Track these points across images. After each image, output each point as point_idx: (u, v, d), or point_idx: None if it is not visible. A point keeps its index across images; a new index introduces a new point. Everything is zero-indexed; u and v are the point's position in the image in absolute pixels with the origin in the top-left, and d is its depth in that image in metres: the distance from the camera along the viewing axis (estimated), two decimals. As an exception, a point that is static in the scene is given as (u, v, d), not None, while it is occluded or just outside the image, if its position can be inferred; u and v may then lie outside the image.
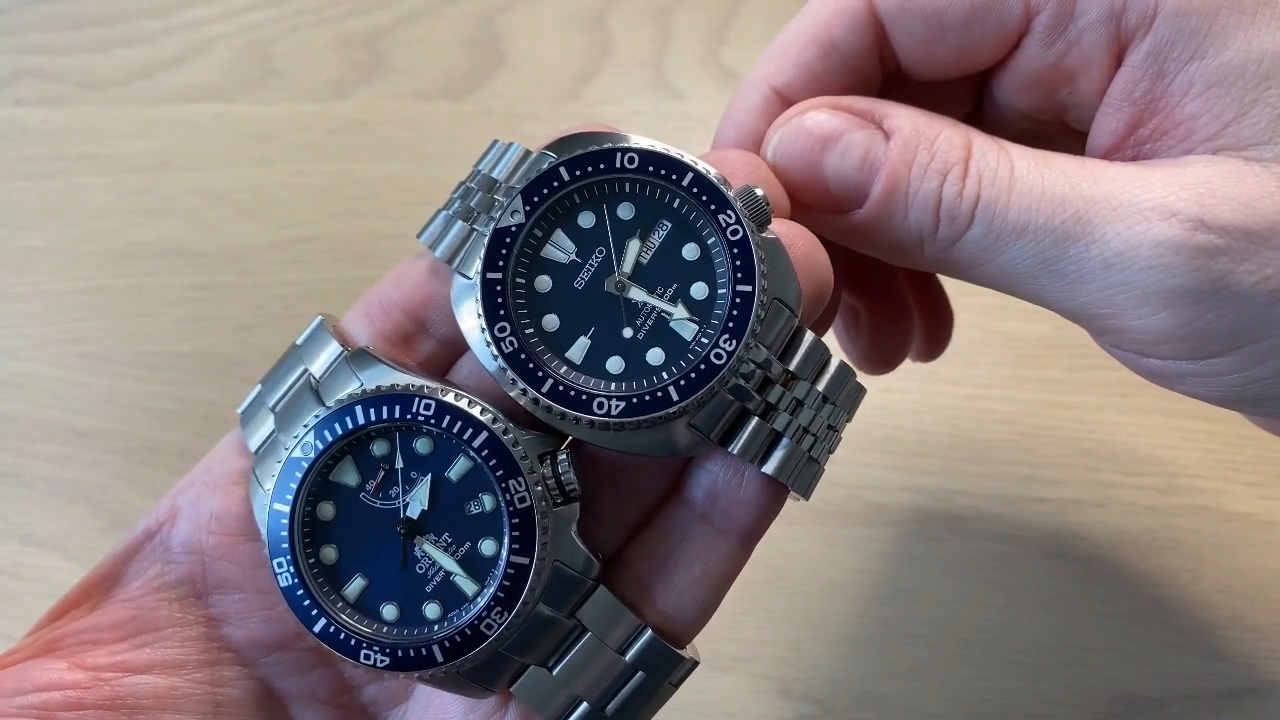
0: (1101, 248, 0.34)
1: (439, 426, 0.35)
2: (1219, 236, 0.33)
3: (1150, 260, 0.34)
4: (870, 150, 0.37)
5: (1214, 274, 0.33)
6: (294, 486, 0.35)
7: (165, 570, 0.38)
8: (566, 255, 0.35)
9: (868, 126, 0.38)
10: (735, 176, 0.36)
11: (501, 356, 0.34)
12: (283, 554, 0.35)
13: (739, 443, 0.35)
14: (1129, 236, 0.34)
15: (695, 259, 0.35)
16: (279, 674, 0.38)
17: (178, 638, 0.37)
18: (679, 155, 0.35)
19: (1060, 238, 0.35)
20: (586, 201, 0.35)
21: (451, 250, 0.36)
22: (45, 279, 0.67)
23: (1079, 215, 0.35)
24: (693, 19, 0.71)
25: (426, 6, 0.72)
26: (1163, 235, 0.33)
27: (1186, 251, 0.33)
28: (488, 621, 0.35)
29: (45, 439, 0.64)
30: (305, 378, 0.37)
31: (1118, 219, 0.34)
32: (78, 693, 0.35)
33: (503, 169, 0.37)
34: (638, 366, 0.35)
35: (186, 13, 0.71)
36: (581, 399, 0.34)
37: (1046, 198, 0.35)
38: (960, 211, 0.36)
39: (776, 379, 0.35)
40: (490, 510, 0.35)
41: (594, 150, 0.35)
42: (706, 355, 0.34)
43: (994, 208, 0.35)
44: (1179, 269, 0.33)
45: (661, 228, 0.35)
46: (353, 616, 0.35)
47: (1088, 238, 0.34)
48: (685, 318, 0.35)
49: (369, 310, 0.38)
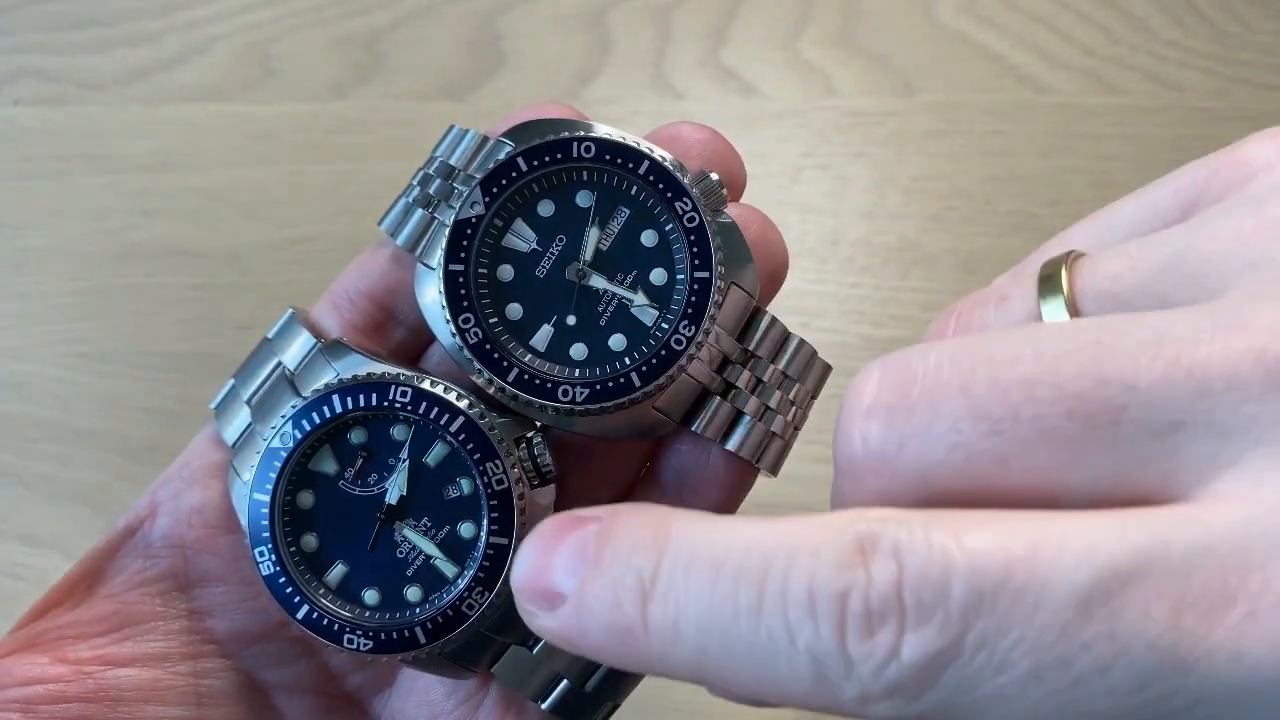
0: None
1: (416, 413, 0.35)
2: None
3: None
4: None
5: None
6: (273, 476, 0.35)
7: (147, 565, 0.38)
8: (527, 244, 0.36)
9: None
10: (689, 156, 0.36)
11: (466, 347, 0.35)
12: (264, 543, 0.35)
13: (701, 423, 0.36)
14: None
15: (654, 245, 0.36)
16: (262, 665, 0.38)
17: (160, 631, 0.37)
18: (635, 143, 0.35)
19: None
20: (546, 190, 0.36)
21: (413, 239, 0.37)
22: (45, 279, 0.67)
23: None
24: (693, 19, 0.71)
25: (426, 6, 0.72)
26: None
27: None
28: (469, 602, 0.35)
29: (45, 439, 0.64)
30: (280, 370, 0.38)
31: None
32: (60, 686, 0.35)
33: (460, 156, 0.37)
34: (600, 353, 0.35)
35: (186, 13, 0.71)
36: (546, 387, 0.34)
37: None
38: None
39: (736, 359, 0.36)
40: (468, 494, 0.36)
41: (551, 140, 0.35)
42: (667, 341, 0.34)
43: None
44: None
45: (620, 215, 0.36)
46: (335, 602, 0.36)
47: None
48: (645, 304, 0.35)
49: (337, 302, 0.39)
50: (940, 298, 0.65)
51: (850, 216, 0.67)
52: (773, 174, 0.68)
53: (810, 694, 0.22)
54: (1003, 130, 0.68)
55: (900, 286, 0.66)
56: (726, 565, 0.23)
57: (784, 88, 0.69)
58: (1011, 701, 0.21)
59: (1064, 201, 0.66)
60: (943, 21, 0.70)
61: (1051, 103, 0.68)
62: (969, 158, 0.67)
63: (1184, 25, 0.69)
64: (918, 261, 0.66)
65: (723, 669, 0.23)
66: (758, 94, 0.69)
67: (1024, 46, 0.69)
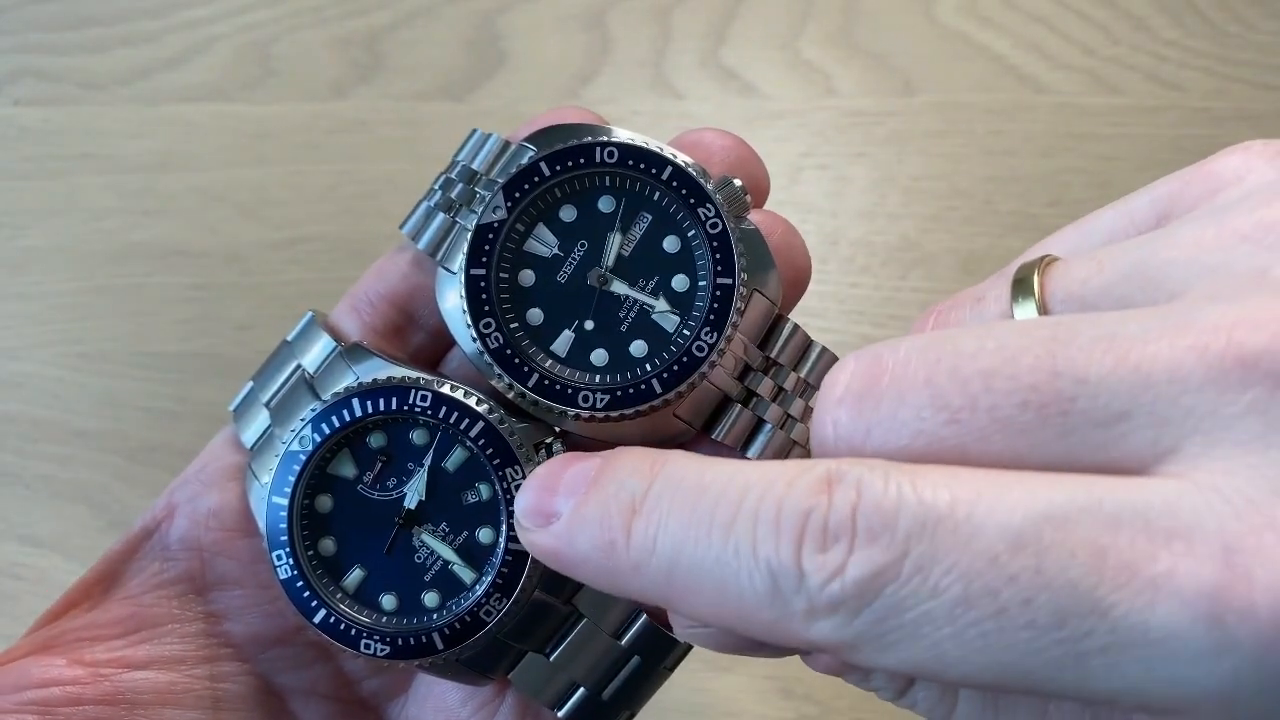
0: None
1: (435, 417, 0.35)
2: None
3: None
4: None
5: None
6: (292, 479, 0.35)
7: (164, 567, 0.38)
8: (549, 249, 0.36)
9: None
10: (712, 162, 0.36)
11: (487, 352, 0.34)
12: (281, 546, 0.35)
13: (722, 430, 0.36)
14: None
15: (676, 251, 0.35)
16: (279, 669, 0.38)
17: (177, 634, 0.37)
18: (658, 149, 0.35)
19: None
20: (568, 196, 0.36)
21: (434, 243, 0.37)
22: (45, 279, 0.67)
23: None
24: (693, 19, 0.71)
25: (426, 6, 0.72)
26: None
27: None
28: (486, 608, 0.35)
29: (45, 439, 0.64)
30: (299, 373, 0.37)
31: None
32: (77, 688, 0.35)
33: (482, 160, 0.37)
34: (621, 359, 0.35)
35: (186, 12, 0.71)
36: (567, 393, 0.34)
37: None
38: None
39: (758, 367, 0.36)
40: (487, 499, 0.36)
41: (574, 145, 0.35)
42: (688, 348, 0.34)
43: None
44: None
45: (642, 220, 0.36)
46: (352, 607, 0.36)
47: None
48: (667, 310, 0.35)
49: (356, 305, 0.39)
50: (940, 298, 0.65)
51: (850, 216, 0.67)
52: (773, 174, 0.67)
53: (763, 607, 0.24)
54: (1003, 130, 0.68)
55: (900, 286, 0.66)
56: (710, 489, 0.26)
57: (784, 87, 0.69)
58: (939, 628, 0.23)
59: (1064, 201, 0.67)
60: (943, 21, 0.70)
61: (1051, 103, 0.68)
62: (969, 158, 0.68)
63: (1184, 25, 0.69)
64: (918, 261, 0.66)
65: (688, 582, 0.25)
66: (758, 94, 0.69)
67: (1024, 46, 0.69)
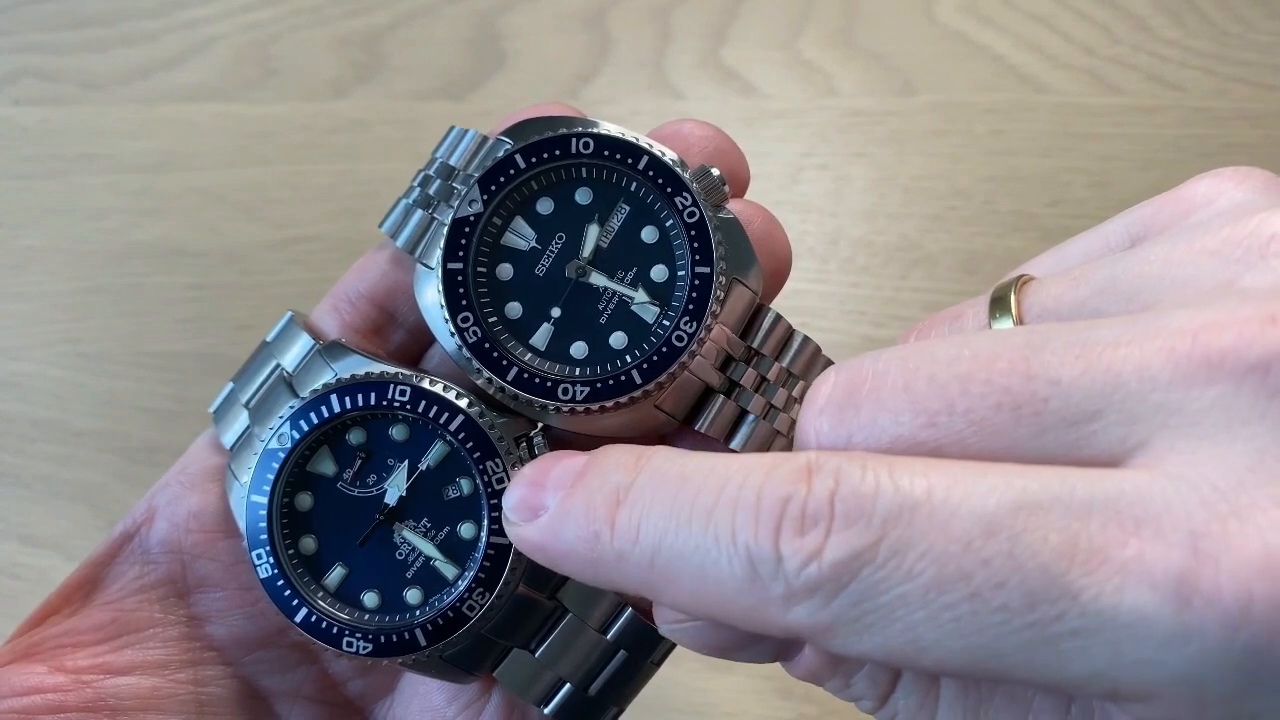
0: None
1: (415, 412, 0.35)
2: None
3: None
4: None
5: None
6: (271, 478, 0.35)
7: (145, 571, 0.38)
8: (527, 242, 0.35)
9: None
10: (691, 152, 0.36)
11: (465, 346, 0.34)
12: (261, 545, 0.35)
13: (705, 421, 0.35)
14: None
15: (654, 242, 0.35)
16: (263, 672, 0.38)
17: (159, 638, 0.37)
18: (634, 139, 0.35)
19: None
20: (544, 188, 0.35)
21: (412, 240, 0.36)
22: (45, 279, 0.67)
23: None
24: (693, 19, 0.71)
25: (426, 6, 0.72)
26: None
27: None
28: (469, 603, 0.35)
29: (45, 439, 0.64)
30: (279, 372, 0.37)
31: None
32: (59, 696, 0.35)
33: (460, 156, 0.37)
34: (601, 351, 0.35)
35: (186, 12, 0.71)
36: (546, 385, 0.34)
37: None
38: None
39: (740, 357, 0.36)
40: (469, 494, 0.35)
41: (549, 136, 0.35)
42: (668, 338, 0.34)
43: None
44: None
45: (620, 211, 0.35)
46: (334, 605, 0.35)
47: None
48: (646, 301, 0.35)
49: (337, 304, 0.38)
50: (940, 298, 0.65)
51: (850, 216, 0.67)
52: (773, 174, 0.68)
53: (741, 592, 0.25)
54: (1003, 130, 0.68)
55: (901, 286, 0.66)
56: (692, 479, 0.26)
57: (784, 87, 0.69)
58: (914, 611, 0.23)
59: (1064, 201, 0.66)
60: (943, 21, 0.70)
61: (1052, 102, 0.68)
62: (969, 158, 0.67)
63: (1184, 25, 0.69)
64: (918, 261, 0.66)
65: (670, 570, 0.26)
66: (758, 94, 0.69)
67: (1024, 46, 0.69)
